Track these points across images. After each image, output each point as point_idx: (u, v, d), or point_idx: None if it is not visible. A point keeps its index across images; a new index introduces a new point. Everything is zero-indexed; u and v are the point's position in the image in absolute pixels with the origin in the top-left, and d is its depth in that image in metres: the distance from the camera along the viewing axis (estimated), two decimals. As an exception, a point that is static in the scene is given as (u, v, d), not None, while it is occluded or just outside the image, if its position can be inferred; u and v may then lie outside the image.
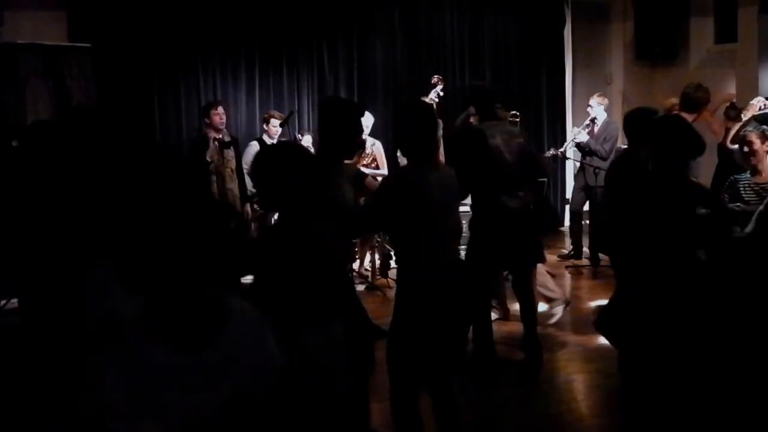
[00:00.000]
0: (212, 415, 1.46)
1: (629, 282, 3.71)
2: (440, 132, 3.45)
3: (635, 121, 4.05)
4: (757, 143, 4.16)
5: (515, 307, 5.73)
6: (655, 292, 3.42)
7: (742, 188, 4.21)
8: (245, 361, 1.51)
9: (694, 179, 4.58)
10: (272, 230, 3.22)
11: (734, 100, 6.68)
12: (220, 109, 5.90)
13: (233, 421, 1.49)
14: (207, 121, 5.84)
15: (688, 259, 3.51)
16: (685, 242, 3.52)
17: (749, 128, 4.35)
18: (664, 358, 3.39)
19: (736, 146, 4.66)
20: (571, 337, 5.11)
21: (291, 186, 2.53)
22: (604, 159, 6.86)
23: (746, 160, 4.24)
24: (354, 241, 5.82)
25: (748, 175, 4.25)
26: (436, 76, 6.42)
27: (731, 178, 4.39)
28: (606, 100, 7.62)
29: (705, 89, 5.31)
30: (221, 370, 1.47)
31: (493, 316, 4.86)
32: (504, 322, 5.38)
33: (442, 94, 5.92)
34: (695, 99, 5.20)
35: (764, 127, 4.38)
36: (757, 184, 4.16)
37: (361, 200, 3.84)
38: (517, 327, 5.30)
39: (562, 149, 7.87)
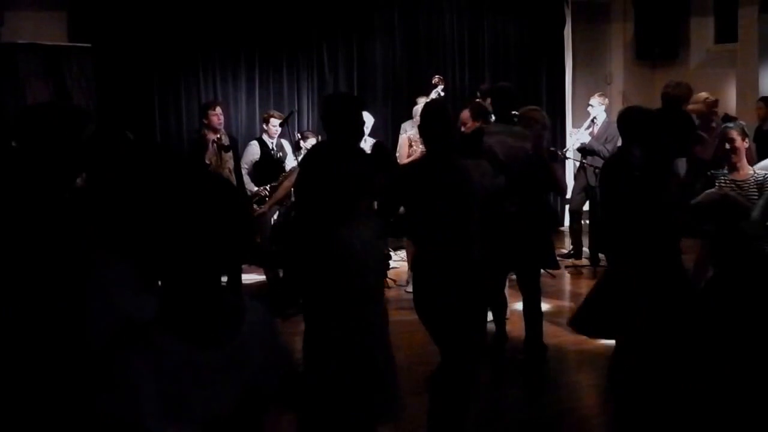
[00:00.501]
0: (230, 410, 1.48)
1: (625, 279, 3.73)
2: None
3: (628, 120, 4.05)
4: (738, 140, 4.13)
5: (514, 308, 5.74)
6: (650, 289, 3.42)
7: (718, 185, 4.17)
8: (259, 354, 1.55)
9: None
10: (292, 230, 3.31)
11: (727, 112, 6.61)
12: (218, 110, 5.87)
13: (248, 415, 1.52)
14: (205, 121, 5.82)
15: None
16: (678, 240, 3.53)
17: (730, 125, 4.30)
18: (657, 355, 3.39)
19: None
20: (571, 337, 5.10)
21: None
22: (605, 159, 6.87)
23: (727, 157, 4.20)
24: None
25: (726, 172, 4.22)
26: (437, 76, 6.44)
27: (709, 173, 4.34)
28: (606, 99, 7.63)
29: (685, 85, 5.25)
30: (239, 364, 1.50)
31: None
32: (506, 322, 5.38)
33: (443, 94, 5.93)
34: (675, 96, 5.15)
35: (742, 123, 4.36)
36: (734, 181, 4.13)
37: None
38: (515, 327, 5.31)
39: (566, 150, 7.91)
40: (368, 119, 6.69)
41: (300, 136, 6.91)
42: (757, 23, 7.73)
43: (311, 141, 6.95)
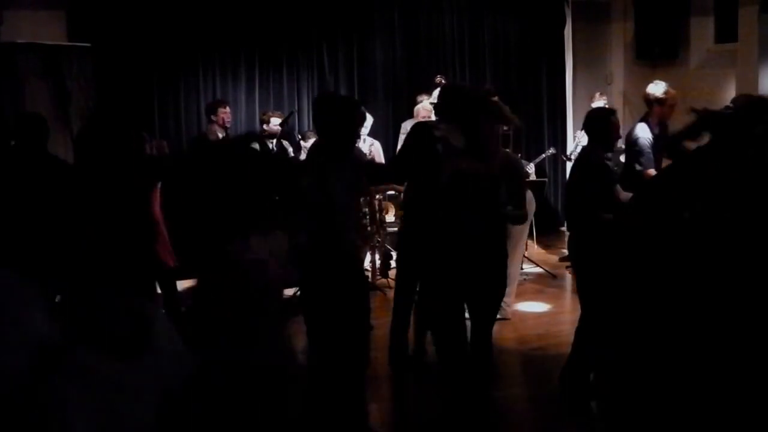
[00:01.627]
0: (153, 417, 1.49)
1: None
2: None
3: (591, 121, 4.06)
4: None
5: (517, 308, 5.74)
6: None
7: None
8: (168, 362, 1.56)
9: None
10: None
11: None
12: (228, 108, 5.93)
13: (170, 419, 1.53)
14: (213, 118, 5.83)
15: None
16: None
17: None
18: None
19: None
20: (573, 338, 5.09)
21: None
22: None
23: None
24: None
25: None
26: (439, 76, 6.42)
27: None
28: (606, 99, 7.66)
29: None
30: (154, 371, 1.51)
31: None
32: (507, 322, 5.37)
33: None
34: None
35: None
36: None
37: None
38: (516, 327, 5.30)
39: (571, 153, 7.93)
40: (368, 119, 6.68)
41: (300, 137, 6.90)
42: (757, 23, 7.71)
43: (312, 140, 6.95)
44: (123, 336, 1.46)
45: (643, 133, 4.81)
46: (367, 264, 6.76)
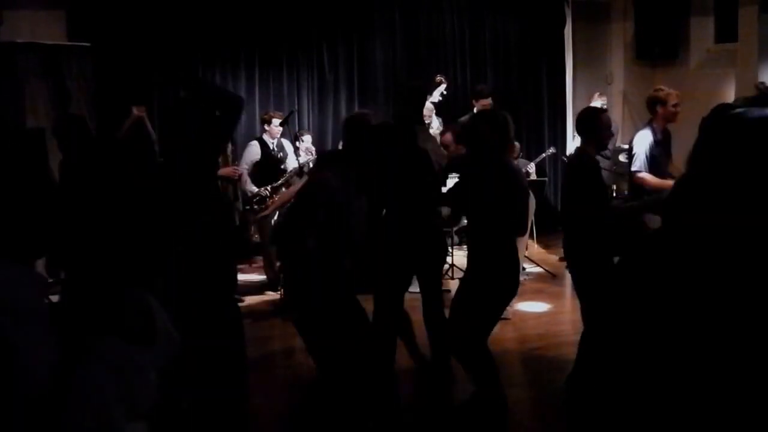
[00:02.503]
0: (155, 392, 1.63)
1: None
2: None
3: (581, 121, 4.05)
4: None
5: (517, 307, 5.73)
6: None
7: None
8: (165, 342, 1.67)
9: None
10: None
11: None
12: None
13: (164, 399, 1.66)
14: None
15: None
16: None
17: None
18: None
19: None
20: (576, 337, 5.09)
21: None
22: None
23: None
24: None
25: None
26: (439, 75, 6.41)
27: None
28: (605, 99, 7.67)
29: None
30: (158, 356, 1.64)
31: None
32: (507, 322, 5.36)
33: (445, 93, 5.89)
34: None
35: None
36: None
37: None
38: (517, 326, 5.29)
39: (569, 155, 7.93)
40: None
41: (296, 136, 6.89)
42: (757, 23, 7.71)
43: (307, 138, 6.95)
44: (136, 328, 1.57)
45: (644, 138, 4.79)
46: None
